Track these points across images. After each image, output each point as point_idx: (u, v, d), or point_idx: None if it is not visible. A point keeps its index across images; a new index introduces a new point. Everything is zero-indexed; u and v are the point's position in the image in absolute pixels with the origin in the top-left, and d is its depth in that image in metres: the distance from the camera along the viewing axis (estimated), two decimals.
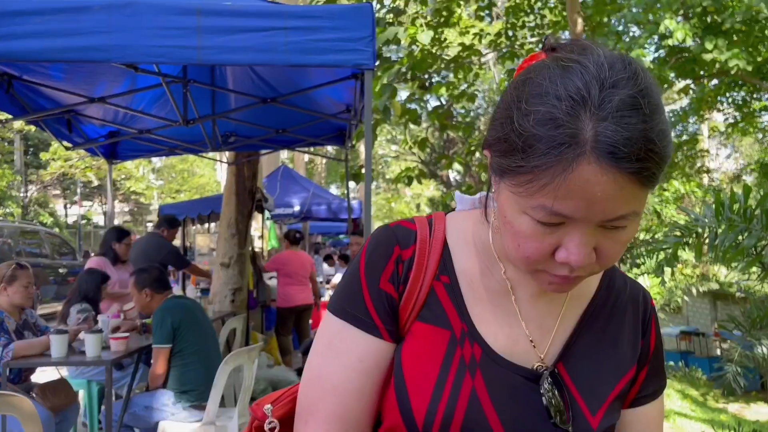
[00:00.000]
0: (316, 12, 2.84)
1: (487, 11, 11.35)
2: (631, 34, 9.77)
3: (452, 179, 21.58)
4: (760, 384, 7.27)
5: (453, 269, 0.85)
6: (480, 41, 10.16)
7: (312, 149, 7.98)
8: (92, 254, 7.18)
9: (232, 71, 4.53)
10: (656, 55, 9.95)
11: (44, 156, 20.74)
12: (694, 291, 9.71)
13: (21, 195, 21.53)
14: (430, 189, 26.37)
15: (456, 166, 13.44)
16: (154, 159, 25.48)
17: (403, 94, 9.43)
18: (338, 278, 9.49)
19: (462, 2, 9.77)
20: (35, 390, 3.61)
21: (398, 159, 26.44)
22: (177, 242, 6.84)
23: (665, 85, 9.15)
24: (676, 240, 3.40)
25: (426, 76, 9.43)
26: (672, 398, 6.65)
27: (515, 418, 0.78)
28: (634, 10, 7.81)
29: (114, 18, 2.65)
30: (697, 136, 15.84)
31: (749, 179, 16.48)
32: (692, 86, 10.36)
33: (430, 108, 9.92)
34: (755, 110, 11.59)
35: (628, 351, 0.87)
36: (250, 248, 6.47)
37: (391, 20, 8.68)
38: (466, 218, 0.89)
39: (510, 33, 10.14)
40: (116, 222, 16.39)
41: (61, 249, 12.05)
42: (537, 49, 0.80)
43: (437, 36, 9.11)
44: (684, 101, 13.49)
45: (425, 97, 10.00)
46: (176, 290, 5.31)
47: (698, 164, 13.97)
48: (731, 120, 13.00)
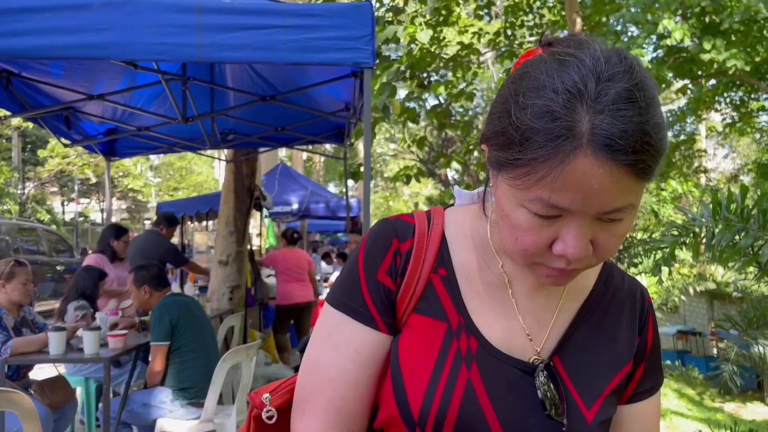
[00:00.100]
0: (316, 10, 2.85)
1: (486, 10, 11.34)
2: (630, 34, 9.77)
3: (450, 178, 21.57)
4: (757, 383, 7.29)
5: (450, 262, 0.85)
6: (479, 40, 10.16)
7: (310, 147, 7.97)
8: (90, 251, 7.18)
9: (231, 69, 4.54)
10: (654, 55, 9.96)
11: (42, 153, 20.69)
12: (691, 290, 9.72)
13: (18, 192, 21.47)
14: (428, 188, 26.38)
15: (454, 165, 13.44)
16: (152, 156, 25.46)
17: (402, 93, 9.43)
18: (336, 276, 9.47)
19: (461, 1, 9.77)
20: (33, 387, 3.61)
21: (396, 157, 26.42)
22: (175, 240, 6.83)
23: (663, 85, 9.16)
24: (674, 239, 3.41)
25: (425, 75, 9.43)
26: (668, 397, 6.67)
27: (510, 410, 0.78)
28: (633, 10, 7.81)
29: (114, 15, 2.66)
30: (695, 136, 15.84)
31: (746, 179, 16.51)
32: (690, 86, 10.35)
33: (429, 107, 9.91)
34: (753, 110, 11.59)
35: (625, 346, 0.87)
36: (248, 246, 6.47)
37: (391, 19, 8.68)
38: (465, 213, 0.90)
39: (509, 32, 10.14)
40: (113, 219, 16.37)
41: (59, 246, 12.02)
42: None
43: (436, 35, 9.10)
44: (682, 101, 13.50)
45: (424, 96, 9.99)
46: (174, 288, 5.31)
47: (696, 164, 13.98)
48: (729, 120, 13.01)
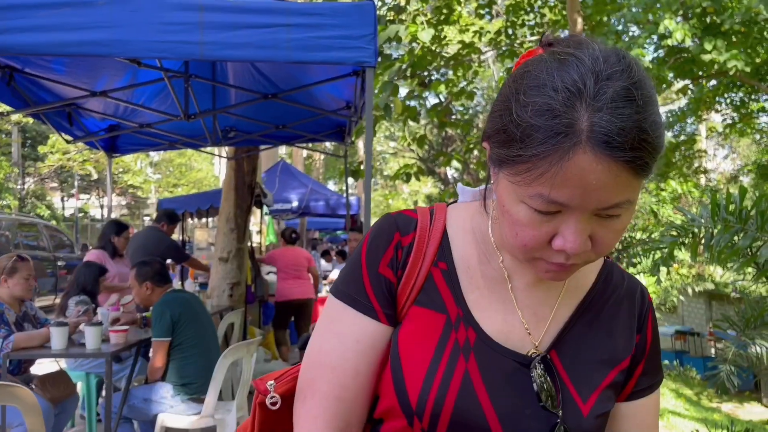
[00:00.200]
0: (319, 9, 2.86)
1: (487, 9, 11.36)
2: (631, 34, 9.77)
3: (450, 176, 21.57)
4: (754, 384, 7.32)
5: (451, 256, 0.87)
6: (480, 39, 10.17)
7: (311, 145, 7.98)
8: (90, 247, 7.18)
9: (233, 66, 4.54)
10: (655, 55, 9.97)
11: (42, 149, 20.70)
12: (690, 291, 9.74)
13: (18, 187, 21.48)
14: (428, 186, 26.39)
15: (454, 164, 13.46)
16: (152, 153, 25.44)
17: (403, 91, 9.43)
18: (335, 274, 9.49)
19: (462, 0, 9.78)
20: (35, 381, 3.63)
21: (396, 156, 26.44)
22: (176, 236, 6.83)
23: (664, 85, 9.17)
24: (673, 240, 3.41)
25: (426, 74, 9.44)
26: (666, 397, 6.69)
27: (506, 401, 0.80)
28: (634, 10, 7.82)
29: (117, 13, 2.67)
30: (695, 137, 15.86)
31: (746, 180, 16.52)
32: (691, 86, 10.37)
33: (429, 105, 9.92)
34: (753, 111, 11.61)
35: (623, 342, 0.88)
36: (249, 243, 6.49)
37: (392, 18, 8.69)
38: (467, 209, 0.92)
39: (510, 31, 10.16)
40: (113, 215, 16.36)
41: (59, 242, 12.03)
42: None
43: (437, 33, 9.11)
44: (682, 101, 13.52)
45: (424, 95, 10.00)
46: (175, 284, 5.32)
47: (696, 164, 13.99)
48: (729, 121, 13.02)
